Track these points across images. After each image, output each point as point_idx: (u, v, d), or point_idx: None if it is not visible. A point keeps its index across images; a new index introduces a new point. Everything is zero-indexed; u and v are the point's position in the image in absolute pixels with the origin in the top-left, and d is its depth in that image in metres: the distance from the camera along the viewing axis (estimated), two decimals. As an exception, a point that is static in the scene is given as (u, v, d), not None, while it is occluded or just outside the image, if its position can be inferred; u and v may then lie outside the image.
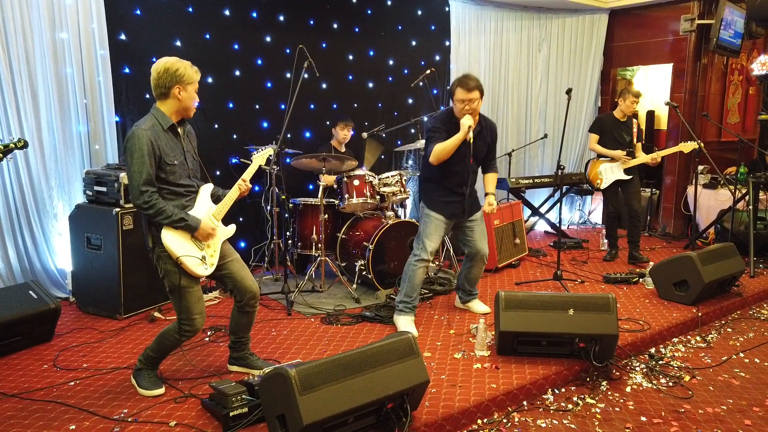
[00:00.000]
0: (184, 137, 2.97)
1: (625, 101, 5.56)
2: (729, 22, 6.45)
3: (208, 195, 3.04)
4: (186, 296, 2.88)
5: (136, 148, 2.74)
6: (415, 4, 6.28)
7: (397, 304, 3.96)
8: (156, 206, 2.76)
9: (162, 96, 2.85)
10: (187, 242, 2.87)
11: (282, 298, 4.40)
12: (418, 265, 3.86)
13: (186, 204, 2.94)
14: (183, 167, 2.93)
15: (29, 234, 4.29)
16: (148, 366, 3.01)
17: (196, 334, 2.96)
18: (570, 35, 7.35)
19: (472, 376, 3.20)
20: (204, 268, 2.91)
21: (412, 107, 6.32)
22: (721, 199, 6.30)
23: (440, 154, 3.67)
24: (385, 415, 2.57)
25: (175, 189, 2.89)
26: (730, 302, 4.58)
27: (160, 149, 2.79)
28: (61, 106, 4.31)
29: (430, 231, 3.85)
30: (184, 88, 2.83)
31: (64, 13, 4.24)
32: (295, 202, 4.95)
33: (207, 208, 3.00)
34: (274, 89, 5.38)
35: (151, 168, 2.76)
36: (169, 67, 2.80)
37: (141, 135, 2.75)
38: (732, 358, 3.72)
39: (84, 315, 4.14)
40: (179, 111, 2.89)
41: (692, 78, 6.82)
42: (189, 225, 2.84)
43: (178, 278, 2.85)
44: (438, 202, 3.86)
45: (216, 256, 2.98)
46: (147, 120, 2.84)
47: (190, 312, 2.89)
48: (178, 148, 2.91)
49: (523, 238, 5.77)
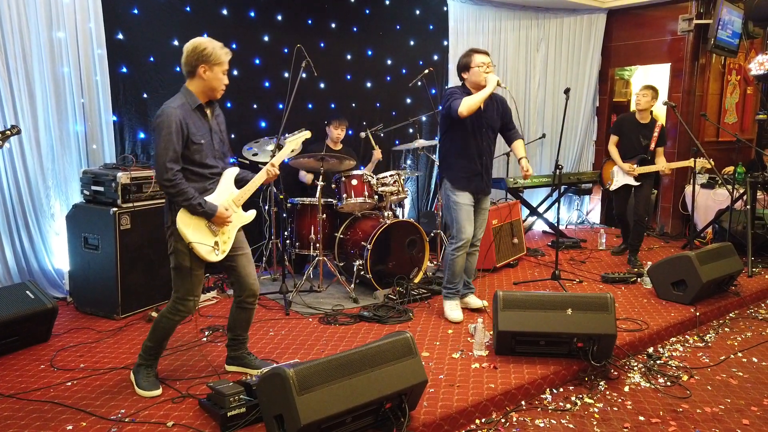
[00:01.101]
0: (212, 118, 2.98)
1: (638, 93, 5.50)
2: (727, 22, 6.46)
3: (231, 179, 3.04)
4: (190, 278, 2.92)
5: (164, 125, 2.76)
6: (414, 3, 6.27)
7: (442, 288, 4.16)
8: (178, 186, 2.79)
9: (189, 74, 2.88)
10: (201, 228, 2.89)
11: (280, 298, 4.39)
12: (456, 254, 4.01)
13: (208, 187, 2.95)
14: (209, 147, 2.94)
15: (26, 234, 4.27)
16: (147, 360, 3.02)
17: (189, 315, 2.99)
18: (568, 35, 7.35)
19: (471, 375, 3.19)
20: (215, 254, 2.93)
21: (411, 107, 6.32)
22: (719, 199, 6.31)
23: (472, 104, 3.73)
24: (383, 415, 2.56)
25: (199, 170, 2.90)
26: (728, 302, 4.58)
27: (188, 128, 2.81)
28: (58, 105, 4.30)
29: (462, 218, 3.97)
30: (210, 69, 2.84)
31: (61, 12, 4.23)
32: (293, 202, 4.94)
33: (228, 193, 3.01)
34: (272, 89, 5.37)
35: (177, 146, 2.78)
36: (197, 46, 2.82)
37: (170, 113, 2.77)
38: (730, 358, 3.72)
39: (81, 315, 4.12)
40: (205, 91, 2.90)
41: (690, 78, 6.83)
42: (205, 211, 2.86)
43: (186, 259, 2.89)
44: (461, 179, 3.97)
45: (229, 243, 3.00)
46: (177, 98, 2.87)
47: (189, 293, 2.93)
48: (205, 128, 2.92)
49: (521, 238, 5.77)
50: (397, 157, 6.40)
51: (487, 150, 4.00)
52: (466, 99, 3.75)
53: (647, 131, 5.50)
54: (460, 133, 3.92)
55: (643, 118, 5.51)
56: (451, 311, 4.05)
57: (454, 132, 3.95)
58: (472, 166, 3.96)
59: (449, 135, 3.98)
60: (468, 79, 3.92)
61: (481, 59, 3.86)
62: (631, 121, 5.56)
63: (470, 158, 3.95)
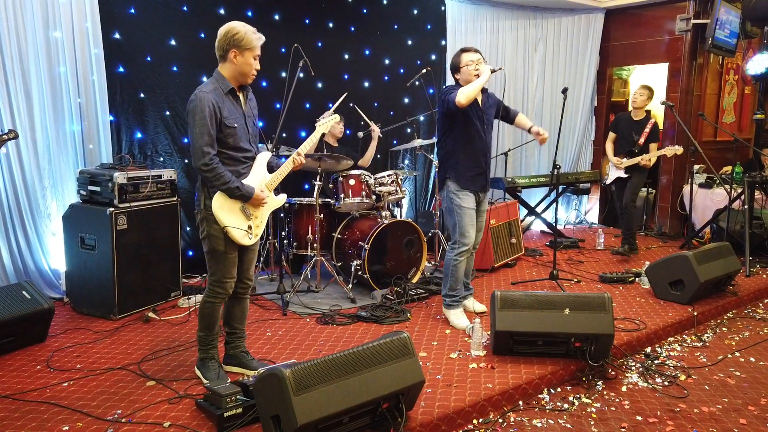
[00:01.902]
0: (245, 102, 3.01)
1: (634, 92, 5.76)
2: (724, 22, 6.46)
3: (264, 163, 3.08)
4: (225, 260, 2.95)
5: (198, 110, 2.78)
6: (411, 3, 6.26)
7: (443, 297, 4.08)
8: (216, 170, 2.81)
9: (221, 59, 2.91)
10: (236, 212, 2.93)
11: (277, 298, 4.39)
12: (458, 260, 3.97)
13: (242, 171, 2.98)
14: (243, 131, 2.97)
15: (23, 234, 4.26)
16: (207, 351, 3.07)
17: (227, 296, 3.03)
18: (566, 35, 7.36)
19: (468, 375, 3.19)
20: (249, 238, 2.98)
21: (408, 106, 6.31)
22: (716, 199, 6.32)
23: (469, 93, 3.68)
24: (380, 415, 2.56)
25: (233, 154, 2.93)
26: (726, 301, 4.59)
27: (221, 112, 2.83)
28: (54, 105, 4.29)
29: (466, 222, 3.93)
30: (241, 53, 2.86)
31: (57, 11, 4.22)
32: (290, 202, 4.94)
33: (261, 177, 3.05)
34: (269, 88, 5.36)
35: (212, 130, 2.80)
36: (229, 30, 2.85)
37: (203, 98, 2.80)
38: (727, 357, 3.72)
39: (78, 315, 4.11)
40: (236, 76, 2.93)
41: (688, 77, 6.83)
42: (243, 194, 2.90)
43: (221, 243, 2.92)
44: (467, 178, 3.92)
45: (262, 227, 3.06)
46: (209, 83, 2.90)
47: (224, 274, 2.97)
48: (237, 112, 2.95)
49: (519, 238, 5.77)
50: (395, 157, 6.39)
51: (488, 147, 4.00)
52: (463, 88, 3.72)
53: (639, 127, 5.73)
54: (463, 131, 3.87)
55: (637, 115, 5.74)
56: (457, 320, 3.95)
57: (456, 131, 3.89)
58: (477, 164, 3.93)
59: (451, 134, 3.93)
60: (460, 78, 3.90)
61: (470, 57, 3.83)
62: (626, 119, 5.81)
63: (475, 156, 3.92)
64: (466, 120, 3.85)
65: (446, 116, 3.89)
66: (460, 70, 3.88)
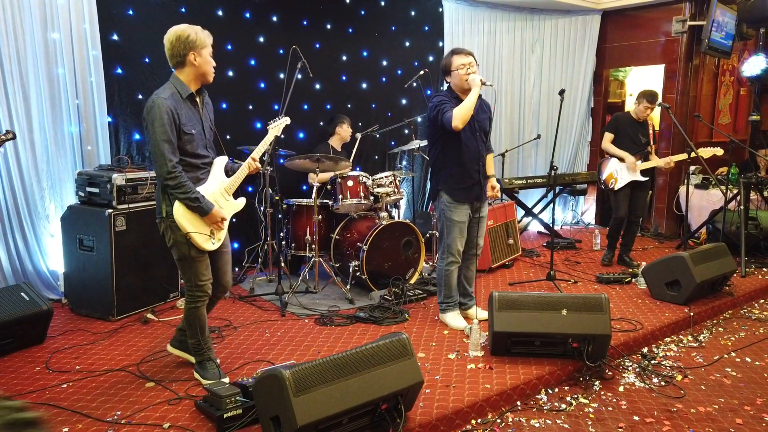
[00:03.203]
0: (202, 107, 3.00)
1: (639, 105, 5.38)
2: (720, 24, 6.49)
3: (221, 168, 3.09)
4: (196, 265, 2.97)
5: (157, 116, 2.76)
6: (409, 4, 6.28)
7: (439, 304, 4.06)
8: (179, 179, 2.81)
9: (179, 65, 2.89)
10: (198, 218, 2.92)
11: (276, 299, 4.40)
12: (449, 269, 3.93)
13: (201, 177, 2.98)
14: (200, 137, 2.97)
15: (21, 235, 4.26)
16: (201, 355, 3.07)
17: (207, 297, 3.03)
18: (563, 36, 7.38)
19: (466, 376, 3.20)
20: (212, 243, 2.98)
21: (406, 108, 6.33)
22: (712, 200, 6.35)
23: (463, 114, 3.57)
24: (379, 416, 2.57)
25: (192, 161, 2.92)
26: (722, 302, 4.61)
27: (179, 118, 2.82)
28: (53, 106, 4.28)
29: (455, 235, 3.86)
30: (199, 54, 2.87)
31: (56, 13, 4.22)
32: (288, 203, 4.95)
33: (220, 183, 3.05)
34: (268, 90, 5.37)
35: (172, 136, 2.79)
36: (180, 35, 2.84)
37: (161, 104, 2.77)
38: (723, 358, 3.74)
39: (76, 317, 4.11)
40: (197, 78, 2.93)
41: (684, 79, 6.86)
42: (201, 208, 2.89)
43: (188, 249, 2.92)
44: (460, 191, 3.82)
45: (224, 231, 3.06)
46: (166, 88, 2.88)
47: (199, 278, 2.97)
48: (195, 118, 2.94)
49: (516, 239, 5.79)
50: (393, 158, 6.41)
51: (482, 155, 3.83)
52: (457, 110, 3.56)
53: (644, 129, 5.52)
54: (454, 141, 3.73)
55: (639, 118, 5.51)
56: (453, 321, 3.95)
57: (446, 141, 3.76)
58: (470, 176, 3.80)
59: (441, 145, 3.80)
60: (451, 81, 3.81)
61: (461, 60, 3.71)
62: (630, 120, 5.52)
63: (467, 167, 3.78)
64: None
65: (435, 127, 3.75)
66: (451, 73, 3.77)
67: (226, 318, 4.12)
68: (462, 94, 3.77)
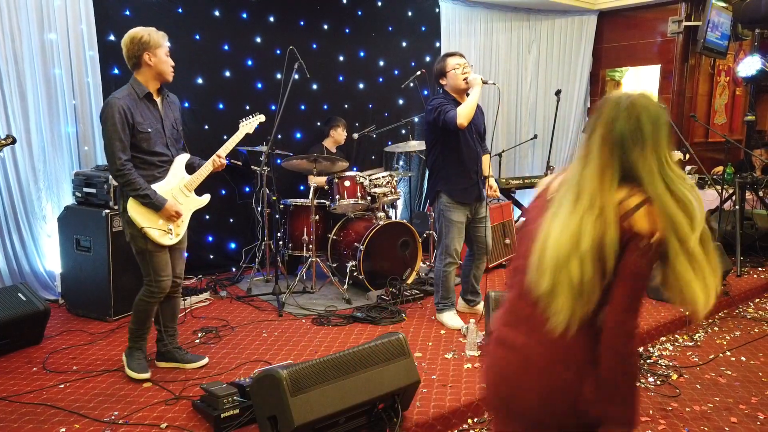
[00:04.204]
0: (162, 105, 3.05)
1: None
2: (716, 24, 6.52)
3: (182, 166, 3.12)
4: (153, 259, 3.01)
5: (109, 116, 2.85)
6: (406, 5, 6.29)
7: (436, 304, 4.08)
8: (128, 176, 2.87)
9: (135, 66, 2.97)
10: (153, 213, 2.97)
11: (273, 299, 4.40)
12: (448, 270, 3.96)
13: (158, 175, 3.03)
14: (158, 135, 3.01)
15: (18, 236, 4.26)
16: (135, 342, 3.13)
17: (163, 295, 3.08)
18: (559, 36, 7.39)
19: (463, 375, 3.21)
20: (169, 238, 3.03)
21: (403, 108, 6.34)
22: (708, 199, 6.36)
23: (468, 112, 3.58)
24: (376, 415, 2.58)
25: (148, 158, 2.98)
26: (718, 301, 4.60)
27: (133, 117, 2.88)
28: (49, 107, 4.28)
29: (453, 236, 3.88)
30: (154, 54, 2.93)
31: (52, 13, 4.21)
32: (285, 203, 4.95)
33: (179, 179, 3.10)
34: (265, 90, 5.37)
35: (123, 136, 2.85)
36: (134, 37, 2.92)
37: (114, 104, 2.86)
38: (719, 357, 3.76)
39: (73, 317, 4.11)
40: (155, 77, 2.99)
41: (680, 79, 6.89)
42: (153, 203, 2.94)
43: (144, 243, 2.97)
44: (459, 191, 3.84)
45: (183, 227, 3.11)
46: (123, 89, 2.97)
47: (156, 273, 3.02)
48: (153, 117, 2.99)
49: (513, 239, 5.80)
50: (390, 159, 6.42)
51: (479, 157, 3.88)
52: (461, 109, 3.58)
53: None
54: (453, 143, 3.75)
55: None
56: (450, 320, 3.96)
57: (446, 144, 3.77)
58: (469, 176, 3.83)
59: (440, 147, 3.81)
60: (447, 84, 3.80)
61: (455, 61, 3.74)
62: None
63: (466, 168, 3.81)
64: (456, 132, 3.70)
65: (435, 129, 3.76)
66: (446, 75, 3.78)
67: (223, 318, 4.12)
68: (458, 96, 3.79)
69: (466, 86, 3.72)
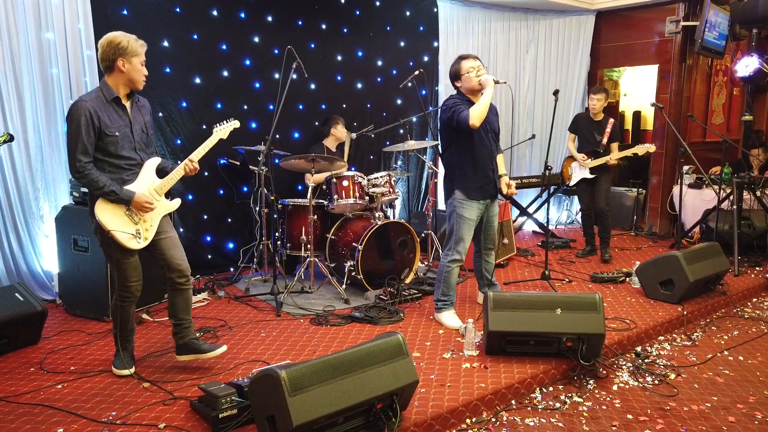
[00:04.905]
0: (132, 109, 3.05)
1: (589, 102, 5.79)
2: (713, 24, 6.53)
3: (152, 169, 3.12)
4: (121, 266, 3.05)
5: (74, 118, 2.86)
6: (404, 4, 6.29)
7: (435, 302, 4.08)
8: (89, 176, 2.88)
9: (108, 69, 2.97)
10: (121, 216, 2.98)
11: (271, 299, 4.40)
12: (452, 266, 3.97)
13: (127, 178, 3.03)
14: (126, 139, 3.02)
15: (15, 236, 4.25)
16: (118, 343, 3.18)
17: (134, 300, 3.13)
18: (557, 36, 7.40)
19: (461, 375, 3.22)
20: (137, 242, 3.02)
21: (401, 108, 6.34)
22: (706, 199, 6.38)
23: (480, 112, 3.65)
24: (374, 415, 2.58)
25: (115, 161, 2.98)
26: (715, 301, 4.64)
27: (100, 120, 2.89)
28: (46, 106, 4.27)
29: (464, 231, 3.91)
30: (128, 61, 2.93)
31: (50, 13, 4.20)
32: (284, 203, 4.95)
33: (149, 182, 3.09)
34: (263, 90, 5.37)
35: (86, 138, 2.86)
36: (112, 41, 2.91)
37: (80, 106, 2.87)
38: (717, 356, 3.77)
39: (71, 317, 4.11)
40: (126, 83, 3.00)
41: (677, 79, 6.90)
42: (120, 198, 2.94)
43: (112, 250, 3.00)
44: (476, 189, 3.89)
45: (152, 231, 3.09)
46: (92, 92, 2.99)
47: (127, 279, 3.07)
48: (121, 120, 3.00)
49: (511, 238, 5.80)
50: (388, 158, 6.42)
51: (493, 155, 3.96)
52: (473, 109, 3.65)
53: (600, 128, 5.76)
54: (468, 142, 3.83)
55: (597, 116, 5.78)
56: (449, 320, 3.97)
57: (461, 142, 3.85)
58: (485, 174, 3.90)
59: (456, 146, 3.88)
60: (462, 86, 3.88)
61: (470, 64, 3.83)
62: (586, 119, 5.85)
63: (482, 166, 3.88)
64: (471, 131, 3.75)
65: (450, 129, 3.83)
66: (461, 78, 3.86)
67: (221, 318, 4.12)
68: (473, 97, 3.85)
69: (480, 87, 3.80)
